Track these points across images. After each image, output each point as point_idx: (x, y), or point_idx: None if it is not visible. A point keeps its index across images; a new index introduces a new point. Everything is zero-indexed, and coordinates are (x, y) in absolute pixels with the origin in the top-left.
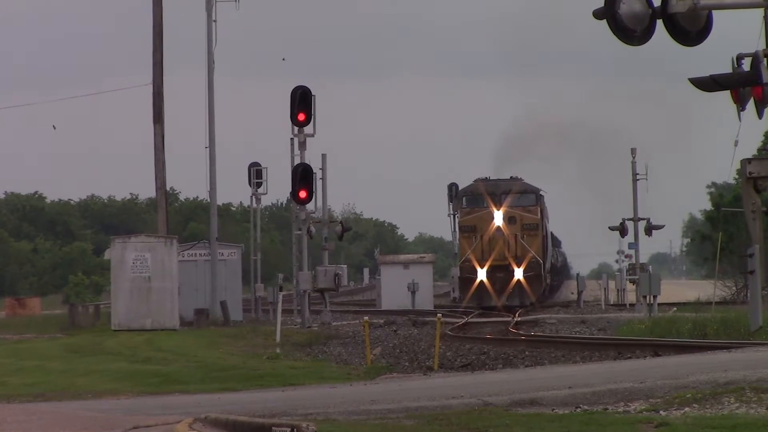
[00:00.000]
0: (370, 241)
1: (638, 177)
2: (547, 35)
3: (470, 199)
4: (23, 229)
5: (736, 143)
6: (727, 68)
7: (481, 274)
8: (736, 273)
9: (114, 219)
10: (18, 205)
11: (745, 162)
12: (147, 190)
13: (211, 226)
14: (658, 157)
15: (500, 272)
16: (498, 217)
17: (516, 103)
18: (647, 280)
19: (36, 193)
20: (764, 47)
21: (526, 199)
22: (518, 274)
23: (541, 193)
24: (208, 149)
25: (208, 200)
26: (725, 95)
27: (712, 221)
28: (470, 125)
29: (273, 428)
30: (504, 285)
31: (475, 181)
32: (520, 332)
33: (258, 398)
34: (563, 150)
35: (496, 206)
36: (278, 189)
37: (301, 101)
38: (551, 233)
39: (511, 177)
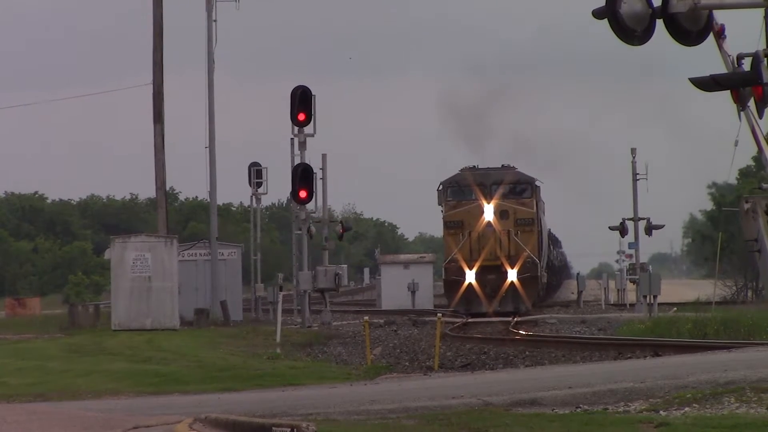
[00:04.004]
0: (370, 241)
1: (638, 177)
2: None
3: (456, 191)
4: (23, 228)
5: (736, 143)
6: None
7: (470, 276)
8: (737, 273)
9: (114, 219)
10: (18, 205)
11: (743, 199)
12: (147, 190)
13: (211, 225)
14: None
15: (491, 274)
16: (488, 211)
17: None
18: (647, 279)
19: (36, 192)
20: (764, 47)
21: (519, 190)
22: (512, 275)
23: (536, 183)
24: (208, 149)
25: (208, 200)
26: (725, 95)
27: (713, 221)
28: None
29: (273, 428)
30: (495, 288)
31: (462, 170)
32: (520, 332)
33: (258, 398)
34: None
35: (485, 199)
36: (278, 189)
37: (301, 101)
38: (549, 231)
39: (502, 165)
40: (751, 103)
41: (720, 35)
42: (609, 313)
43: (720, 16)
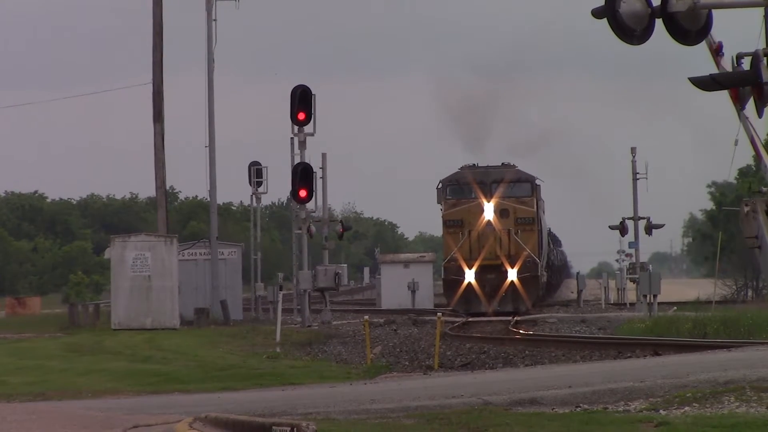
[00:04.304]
0: (370, 240)
1: (638, 176)
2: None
3: (456, 189)
4: (23, 228)
5: (735, 142)
6: (726, 67)
7: (469, 276)
8: (737, 272)
9: (114, 218)
10: (18, 204)
11: (743, 203)
12: (147, 189)
13: (211, 225)
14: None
15: (491, 273)
16: (488, 210)
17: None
18: (647, 279)
19: (36, 192)
20: (764, 46)
21: (520, 188)
22: (512, 275)
23: (537, 182)
24: (208, 148)
25: (208, 199)
26: (725, 94)
27: (713, 220)
28: None
29: (273, 427)
30: (495, 288)
31: (461, 168)
32: (520, 331)
33: (258, 397)
34: None
35: (485, 197)
36: (278, 188)
37: (301, 100)
38: (549, 230)
39: (502, 163)
40: (750, 112)
41: (717, 53)
42: (609, 312)
43: (719, 16)
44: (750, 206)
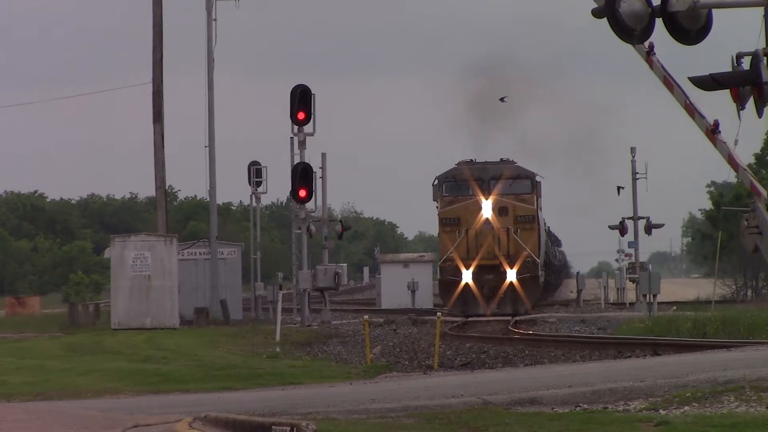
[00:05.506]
0: (370, 240)
1: (638, 176)
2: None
3: (452, 186)
4: (23, 227)
5: (735, 142)
6: (726, 67)
7: (467, 276)
8: (736, 272)
9: (114, 218)
10: (18, 204)
11: (743, 217)
12: (147, 189)
13: (211, 224)
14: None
15: (489, 273)
16: (486, 207)
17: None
18: (647, 278)
19: (36, 191)
20: (764, 46)
21: (520, 185)
22: (511, 275)
23: (537, 178)
24: (207, 148)
25: (208, 199)
26: (725, 94)
27: (712, 220)
28: None
29: (273, 427)
30: (494, 289)
31: (458, 164)
32: (520, 331)
33: (258, 397)
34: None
35: (483, 194)
36: (278, 188)
37: (301, 100)
38: (548, 229)
39: (501, 159)
40: (750, 112)
41: (714, 131)
42: (608, 312)
43: (719, 16)
44: (750, 206)
